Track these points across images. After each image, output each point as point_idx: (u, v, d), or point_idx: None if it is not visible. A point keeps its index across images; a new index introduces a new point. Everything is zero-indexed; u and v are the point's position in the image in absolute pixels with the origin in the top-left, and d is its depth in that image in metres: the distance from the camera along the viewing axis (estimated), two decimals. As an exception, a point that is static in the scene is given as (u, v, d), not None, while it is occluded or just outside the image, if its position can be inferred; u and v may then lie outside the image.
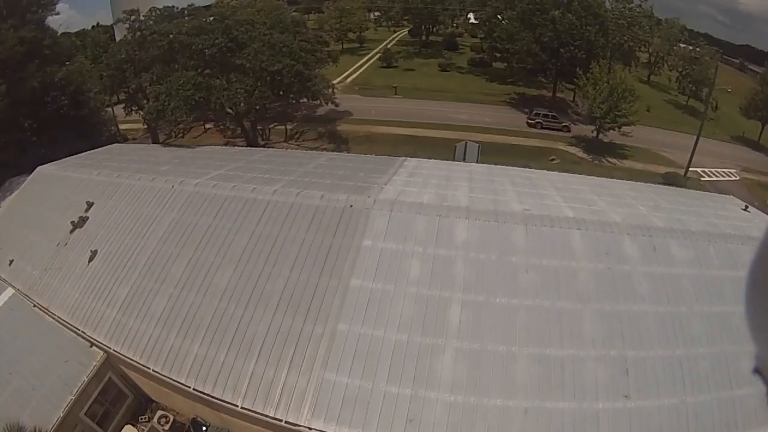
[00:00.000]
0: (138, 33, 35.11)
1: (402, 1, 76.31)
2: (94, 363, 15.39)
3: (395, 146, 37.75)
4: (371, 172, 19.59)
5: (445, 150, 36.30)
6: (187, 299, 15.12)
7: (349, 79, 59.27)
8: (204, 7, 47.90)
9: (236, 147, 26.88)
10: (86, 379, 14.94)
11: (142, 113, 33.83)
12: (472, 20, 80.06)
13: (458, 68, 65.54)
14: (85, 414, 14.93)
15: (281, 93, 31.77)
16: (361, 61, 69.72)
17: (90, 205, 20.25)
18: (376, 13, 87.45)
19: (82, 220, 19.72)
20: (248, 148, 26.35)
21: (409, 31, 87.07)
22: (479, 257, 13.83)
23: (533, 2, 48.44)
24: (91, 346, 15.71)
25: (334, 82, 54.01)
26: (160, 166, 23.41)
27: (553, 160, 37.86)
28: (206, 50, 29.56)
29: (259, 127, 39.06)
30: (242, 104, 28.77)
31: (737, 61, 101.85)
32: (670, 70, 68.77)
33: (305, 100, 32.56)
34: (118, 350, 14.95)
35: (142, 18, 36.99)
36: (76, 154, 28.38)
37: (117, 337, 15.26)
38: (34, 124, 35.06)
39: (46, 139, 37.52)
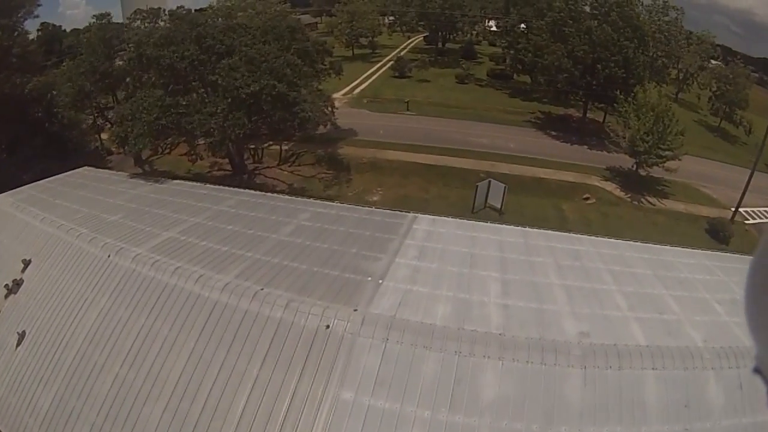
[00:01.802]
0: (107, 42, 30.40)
1: (418, 6, 70.92)
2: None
3: (404, 177, 32.86)
4: (367, 245, 14.64)
5: (463, 184, 31.58)
6: (110, 435, 10.94)
7: (357, 90, 54.13)
8: (197, 10, 43.25)
9: (207, 186, 22.11)
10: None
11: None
12: (494, 28, 74.96)
13: (477, 80, 60.33)
14: None
15: (260, 120, 26.26)
16: (372, 69, 64.68)
17: (26, 264, 16.84)
18: (390, 18, 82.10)
19: (17, 285, 16.37)
20: (220, 189, 21.49)
21: (424, 37, 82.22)
22: (515, 428, 8.97)
23: (567, 10, 43.18)
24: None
25: (340, 94, 49.57)
26: (111, 213, 19.06)
27: (587, 199, 32.73)
28: (176, 65, 24.72)
29: (251, 146, 34.32)
30: (215, 132, 23.69)
31: (756, 74, 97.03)
32: (702, 89, 63.38)
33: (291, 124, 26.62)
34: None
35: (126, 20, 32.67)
36: (49, 173, 25.33)
37: (39, 461, 11.60)
38: (2, 142, 32.02)
39: (20, 157, 34.24)
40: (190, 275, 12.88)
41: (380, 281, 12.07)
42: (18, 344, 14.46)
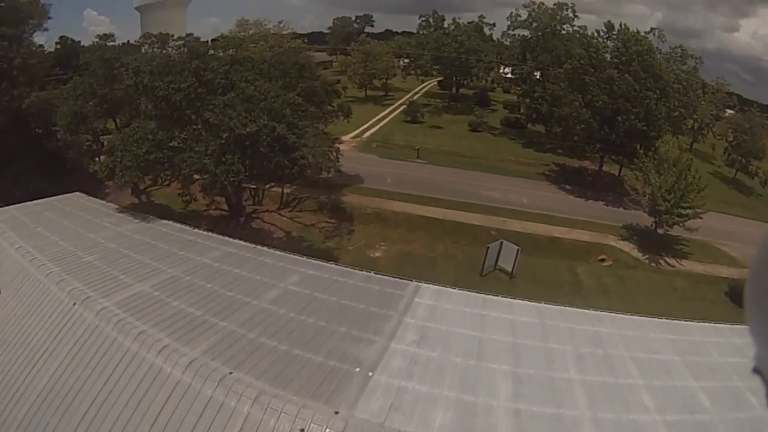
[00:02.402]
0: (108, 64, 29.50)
1: (433, 50, 70.22)
2: None
3: (410, 231, 31.11)
4: (359, 323, 12.85)
5: (472, 242, 30.15)
6: None
7: (368, 134, 52.68)
8: (213, 40, 42.74)
9: (195, 231, 20.56)
10: None
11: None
12: (509, 75, 74.20)
13: (490, 128, 58.78)
14: None
15: (256, 166, 24.43)
16: (384, 112, 63.46)
17: None
18: (405, 60, 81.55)
19: (-17, 318, 15.17)
20: (207, 236, 19.83)
21: (438, 81, 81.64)
22: None
23: (587, 57, 41.93)
24: None
25: (349, 136, 48.25)
26: (88, 251, 17.96)
27: (603, 260, 30.81)
28: (171, 96, 23.42)
29: (252, 186, 32.84)
30: (208, 169, 22.22)
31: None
32: (717, 138, 61.70)
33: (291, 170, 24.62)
34: None
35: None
36: (42, 193, 25.59)
37: None
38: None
39: (11, 174, 33.46)
40: (154, 344, 11.29)
41: (370, 373, 10.28)
42: (-23, 382, 13.24)
